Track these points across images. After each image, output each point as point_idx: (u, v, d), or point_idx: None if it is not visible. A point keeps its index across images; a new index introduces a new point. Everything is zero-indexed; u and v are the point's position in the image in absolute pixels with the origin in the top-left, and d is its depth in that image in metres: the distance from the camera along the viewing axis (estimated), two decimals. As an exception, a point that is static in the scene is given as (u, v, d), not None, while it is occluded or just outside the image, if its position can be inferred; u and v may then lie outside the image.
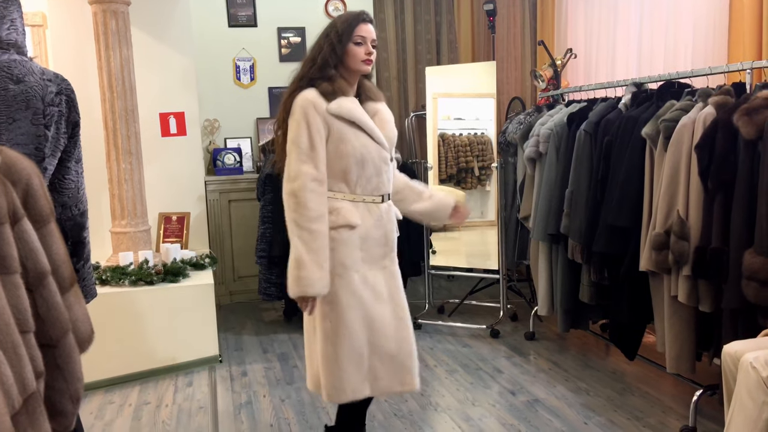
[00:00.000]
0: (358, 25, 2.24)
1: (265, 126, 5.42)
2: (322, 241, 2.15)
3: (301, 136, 2.17)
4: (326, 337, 2.25)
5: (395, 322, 2.30)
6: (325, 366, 2.26)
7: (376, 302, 2.27)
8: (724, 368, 2.08)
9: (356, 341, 2.23)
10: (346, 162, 2.21)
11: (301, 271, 2.13)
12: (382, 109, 2.37)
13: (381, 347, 2.27)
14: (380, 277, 2.30)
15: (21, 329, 1.10)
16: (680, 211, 2.58)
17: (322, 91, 2.20)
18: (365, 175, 2.25)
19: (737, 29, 3.40)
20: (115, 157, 3.82)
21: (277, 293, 4.42)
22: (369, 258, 2.28)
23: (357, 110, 2.23)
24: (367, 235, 2.26)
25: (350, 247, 2.23)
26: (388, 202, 2.35)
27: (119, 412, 3.20)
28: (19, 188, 1.18)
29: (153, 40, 4.43)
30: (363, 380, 2.26)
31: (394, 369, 2.29)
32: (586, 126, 3.24)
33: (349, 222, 2.22)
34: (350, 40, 2.22)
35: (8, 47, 1.75)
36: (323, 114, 2.17)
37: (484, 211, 4.75)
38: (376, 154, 2.26)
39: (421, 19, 5.77)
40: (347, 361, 2.22)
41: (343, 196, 2.25)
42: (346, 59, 2.23)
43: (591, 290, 3.26)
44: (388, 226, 2.32)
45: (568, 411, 3.00)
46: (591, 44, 4.75)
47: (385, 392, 2.32)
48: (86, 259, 1.94)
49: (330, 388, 2.25)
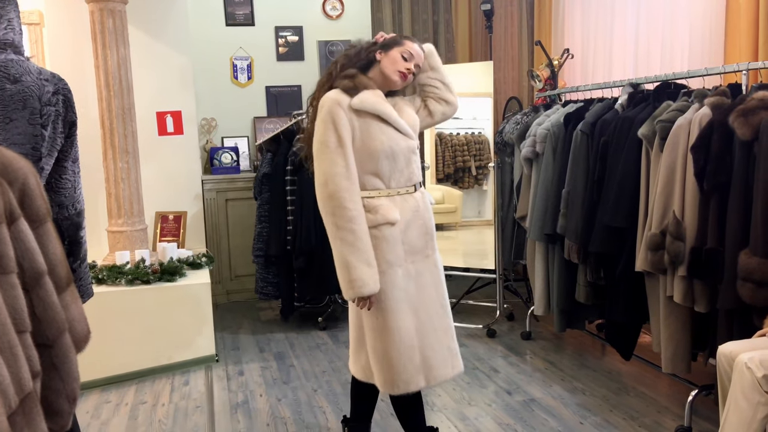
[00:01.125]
0: (410, 41, 2.30)
1: (263, 125, 5.42)
2: (365, 240, 2.14)
3: (328, 136, 2.15)
4: (375, 334, 2.24)
5: (441, 310, 2.33)
6: (375, 360, 2.27)
7: (422, 293, 2.29)
8: (719, 368, 2.09)
9: (406, 336, 2.23)
10: (377, 158, 2.20)
11: (352, 273, 2.12)
12: (400, 99, 2.38)
13: (431, 337, 2.28)
14: (424, 266, 2.31)
15: (18, 329, 1.10)
16: (676, 211, 2.59)
17: (343, 87, 2.20)
18: (398, 168, 2.25)
19: (734, 30, 3.41)
20: (112, 156, 3.81)
21: (273, 292, 4.42)
22: (412, 250, 2.28)
23: (381, 103, 2.22)
24: (408, 227, 2.27)
25: (392, 243, 2.22)
26: (421, 189, 2.36)
27: (116, 412, 3.20)
28: (15, 188, 1.18)
29: (150, 39, 4.43)
30: (417, 372, 2.26)
31: (444, 356, 2.31)
32: (583, 126, 3.25)
33: (389, 219, 2.21)
34: (398, 49, 2.26)
35: (5, 47, 1.75)
36: (347, 111, 2.17)
37: (481, 210, 4.76)
38: (405, 145, 2.26)
39: (419, 19, 5.77)
40: (397, 355, 2.22)
41: (379, 193, 2.24)
42: (383, 63, 2.26)
43: (587, 290, 3.27)
44: (425, 215, 2.33)
45: (564, 411, 3.01)
46: (588, 44, 4.76)
47: (440, 380, 2.33)
48: (83, 258, 1.94)
49: (383, 381, 2.28)
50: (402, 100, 2.38)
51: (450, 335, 2.35)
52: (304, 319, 4.51)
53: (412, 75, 2.30)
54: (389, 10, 5.69)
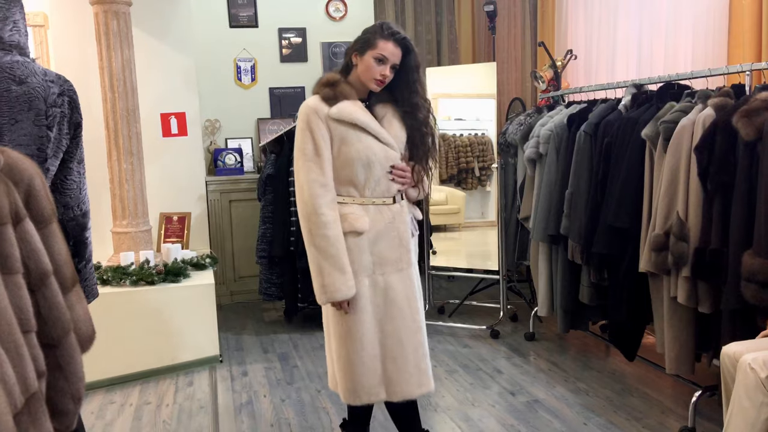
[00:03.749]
0: (384, 41, 2.20)
1: (266, 126, 5.43)
2: (338, 245, 2.16)
3: (306, 144, 2.18)
4: (340, 340, 2.26)
5: (412, 325, 2.29)
6: (339, 368, 2.28)
7: (390, 306, 2.26)
8: (723, 369, 2.09)
9: (368, 345, 2.23)
10: (352, 165, 2.20)
11: (325, 278, 2.15)
12: (393, 109, 2.31)
13: (395, 351, 2.26)
14: (396, 279, 2.28)
15: (23, 329, 1.10)
16: (680, 212, 2.59)
17: (323, 96, 2.21)
18: (373, 177, 2.23)
19: (737, 31, 3.41)
20: (116, 157, 3.82)
21: (277, 293, 4.43)
22: (381, 261, 2.26)
23: (358, 113, 2.21)
24: (378, 238, 2.25)
25: (357, 253, 2.22)
26: (401, 202, 2.33)
27: (120, 412, 3.21)
28: (21, 189, 1.18)
29: (154, 41, 4.44)
30: (378, 384, 2.26)
31: (410, 373, 2.28)
32: (586, 127, 3.25)
33: (355, 228, 2.21)
34: (371, 53, 2.19)
35: (11, 48, 1.76)
36: (325, 119, 2.18)
37: (484, 211, 4.76)
38: (383, 155, 2.24)
39: (422, 20, 5.77)
40: (360, 364, 2.23)
41: (353, 200, 2.24)
42: (359, 69, 2.22)
43: (591, 291, 3.27)
44: (401, 228, 2.30)
45: (568, 411, 3.01)
46: (591, 45, 4.75)
47: (404, 397, 2.30)
48: (88, 259, 1.95)
49: (345, 390, 2.28)
50: (395, 114, 2.31)
51: (420, 353, 2.30)
52: (308, 320, 4.51)
53: (391, 73, 2.23)
54: (392, 12, 5.70)
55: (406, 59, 2.25)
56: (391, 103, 2.32)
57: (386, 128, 2.27)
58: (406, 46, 2.24)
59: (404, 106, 2.30)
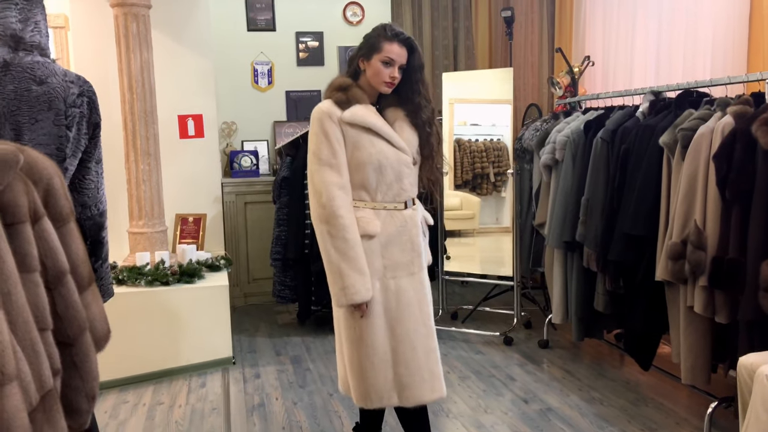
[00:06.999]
0: (389, 43, 2.20)
1: (282, 129, 5.45)
2: (357, 248, 2.15)
3: (321, 147, 2.18)
4: (351, 344, 2.25)
5: (423, 329, 2.28)
6: (351, 372, 2.28)
7: (402, 310, 2.25)
8: (740, 380, 2.06)
9: (379, 349, 2.23)
10: (364, 170, 2.20)
11: (345, 280, 2.14)
12: (402, 114, 2.31)
13: (407, 356, 2.25)
14: (407, 283, 2.27)
15: (39, 327, 1.11)
16: (697, 220, 2.56)
17: (336, 100, 2.21)
18: (385, 181, 2.23)
19: (757, 38, 3.38)
20: (134, 158, 3.86)
21: (291, 296, 4.44)
22: (393, 265, 2.25)
23: (371, 116, 2.22)
24: (389, 242, 2.25)
25: (370, 256, 2.22)
26: (413, 207, 2.33)
27: (133, 412, 3.23)
28: (40, 188, 1.19)
29: (173, 43, 4.48)
30: (390, 388, 2.25)
31: (423, 378, 2.26)
32: (603, 134, 3.23)
33: (367, 232, 2.21)
34: (377, 57, 2.20)
35: (32, 49, 1.78)
36: (339, 123, 2.18)
37: (499, 217, 4.74)
38: (395, 159, 2.24)
39: (439, 25, 5.78)
40: (371, 368, 2.23)
41: (364, 204, 2.24)
42: (368, 73, 2.23)
43: (606, 299, 3.24)
44: (413, 231, 2.29)
45: (581, 420, 2.99)
46: (609, 52, 4.73)
47: (416, 402, 2.28)
48: (104, 258, 1.96)
49: (357, 393, 2.28)
50: (405, 120, 2.31)
51: (433, 358, 2.29)
52: (321, 323, 4.52)
53: (399, 74, 2.24)
54: (409, 17, 5.70)
55: (410, 59, 2.26)
56: (400, 107, 2.33)
57: (398, 132, 2.27)
58: (410, 45, 2.25)
59: (408, 105, 2.31)
